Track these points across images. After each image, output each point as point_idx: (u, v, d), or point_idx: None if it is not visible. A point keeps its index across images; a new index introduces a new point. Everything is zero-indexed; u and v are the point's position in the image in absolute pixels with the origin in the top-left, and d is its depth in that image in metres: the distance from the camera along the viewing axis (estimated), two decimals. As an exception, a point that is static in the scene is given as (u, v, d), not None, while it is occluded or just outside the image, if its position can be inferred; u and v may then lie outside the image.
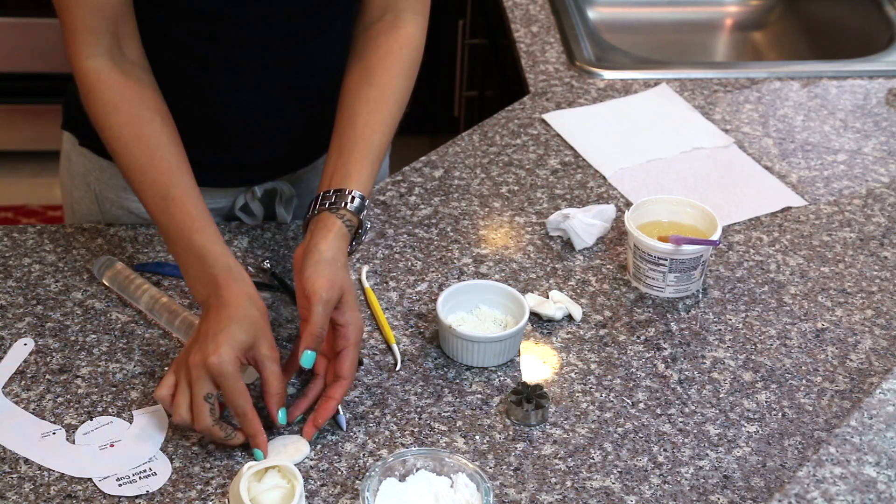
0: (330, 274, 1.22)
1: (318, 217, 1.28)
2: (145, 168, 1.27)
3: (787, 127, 1.81)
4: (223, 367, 1.15)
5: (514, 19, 2.08)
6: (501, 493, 1.17)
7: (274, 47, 1.38)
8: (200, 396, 1.16)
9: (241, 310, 1.18)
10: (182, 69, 1.38)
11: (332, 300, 1.21)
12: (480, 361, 1.32)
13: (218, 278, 1.21)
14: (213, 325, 1.18)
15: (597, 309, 1.42)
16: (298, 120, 1.47)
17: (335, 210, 1.27)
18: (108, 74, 1.28)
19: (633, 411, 1.27)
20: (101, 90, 1.28)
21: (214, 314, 1.19)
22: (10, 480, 1.16)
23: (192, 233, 1.23)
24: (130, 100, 1.28)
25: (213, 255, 1.22)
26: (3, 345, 1.33)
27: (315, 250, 1.24)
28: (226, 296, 1.19)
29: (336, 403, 1.22)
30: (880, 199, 1.64)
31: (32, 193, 3.33)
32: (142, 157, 1.27)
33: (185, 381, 1.18)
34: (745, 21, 2.38)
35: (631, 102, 1.85)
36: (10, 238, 1.49)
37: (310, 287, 1.21)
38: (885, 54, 2.02)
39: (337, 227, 1.26)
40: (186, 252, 1.24)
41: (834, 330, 1.40)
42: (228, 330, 1.16)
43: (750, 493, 1.18)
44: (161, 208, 1.26)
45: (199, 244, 1.23)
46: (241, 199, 1.54)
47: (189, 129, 1.43)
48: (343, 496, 1.16)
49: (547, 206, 1.60)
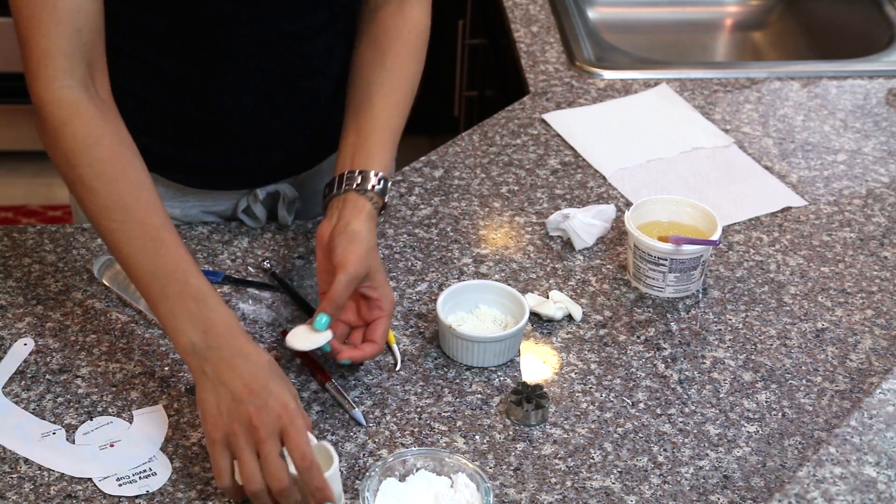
0: (362, 252, 1.25)
1: (345, 197, 1.30)
2: (130, 207, 1.18)
3: (787, 127, 1.81)
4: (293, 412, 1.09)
5: (514, 19, 2.08)
6: (501, 493, 1.17)
7: (272, 49, 1.38)
8: (275, 454, 1.09)
9: (265, 355, 1.14)
10: (181, 72, 1.38)
11: (358, 275, 1.23)
12: (480, 361, 1.32)
13: (222, 322, 1.15)
14: (249, 377, 1.11)
15: (597, 309, 1.42)
16: (300, 122, 1.47)
17: (363, 192, 1.30)
18: (85, 107, 1.20)
19: (633, 411, 1.27)
20: (81, 123, 1.19)
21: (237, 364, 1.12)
22: (10, 480, 1.16)
23: (189, 276, 1.17)
24: (111, 136, 1.20)
25: (212, 299, 1.16)
26: (3, 345, 1.33)
27: (348, 230, 1.26)
28: (241, 342, 1.15)
29: (363, 357, 1.25)
30: (880, 199, 1.64)
31: (32, 193, 3.33)
32: (127, 195, 1.19)
33: (247, 446, 1.09)
34: (745, 21, 2.38)
35: (631, 102, 1.85)
36: (10, 238, 1.49)
37: (339, 261, 1.23)
38: (885, 54, 2.02)
39: (367, 208, 1.29)
40: (180, 296, 1.16)
41: (834, 330, 1.40)
42: (274, 380, 1.12)
43: (750, 493, 1.18)
44: (150, 250, 1.17)
45: (197, 288, 1.16)
46: (243, 201, 1.54)
47: (191, 133, 1.43)
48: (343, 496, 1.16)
49: (547, 206, 1.60)
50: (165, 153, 1.45)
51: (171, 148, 1.45)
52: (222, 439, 1.10)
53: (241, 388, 1.10)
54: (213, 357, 1.13)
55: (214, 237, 1.51)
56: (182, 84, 1.38)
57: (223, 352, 1.13)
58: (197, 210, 1.54)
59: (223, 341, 1.14)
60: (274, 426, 1.09)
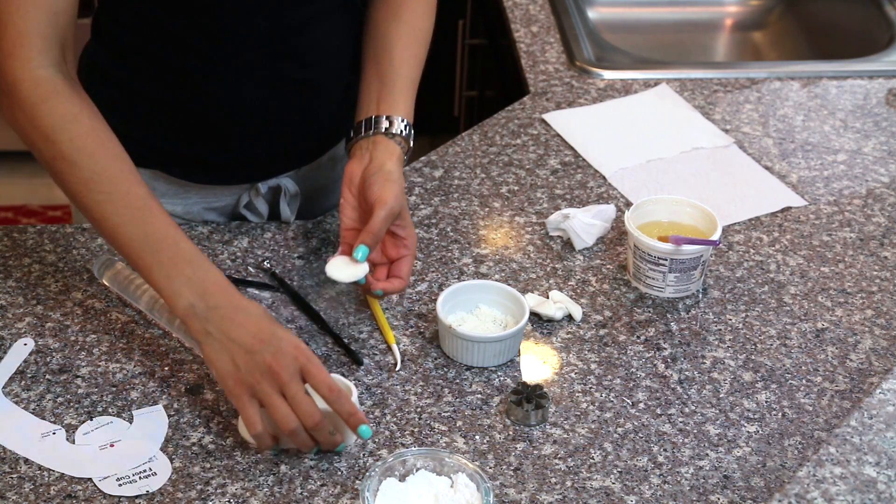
0: (397, 190, 1.31)
1: (374, 139, 1.35)
2: (115, 178, 1.22)
3: (787, 127, 1.81)
4: (306, 351, 1.15)
5: (514, 19, 2.08)
6: (501, 493, 1.17)
7: (272, 38, 1.38)
8: (302, 393, 1.14)
9: (262, 308, 1.19)
10: (180, 64, 1.38)
11: (394, 212, 1.30)
12: (480, 361, 1.32)
13: (217, 282, 1.20)
14: (255, 328, 1.16)
15: (597, 309, 1.42)
16: (300, 114, 1.47)
17: (392, 136, 1.36)
18: (62, 86, 1.23)
19: (633, 411, 1.27)
20: (59, 101, 1.23)
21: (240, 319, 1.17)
22: (10, 480, 1.16)
23: (179, 241, 1.21)
24: (89, 113, 1.24)
25: (205, 261, 1.21)
26: (3, 345, 1.33)
27: (383, 170, 1.32)
28: (238, 298, 1.19)
29: (394, 290, 1.33)
30: (880, 199, 1.64)
31: (32, 193, 3.33)
32: (111, 167, 1.22)
33: (273, 392, 1.14)
34: (745, 21, 2.38)
35: (631, 102, 1.85)
36: (10, 238, 1.49)
37: (378, 197, 1.29)
38: (885, 54, 2.03)
39: (398, 151, 1.35)
40: (173, 260, 1.20)
41: (834, 330, 1.40)
42: (278, 326, 1.17)
43: (750, 493, 1.18)
44: (138, 218, 1.21)
45: (189, 251, 1.21)
46: (244, 196, 1.54)
47: (191, 125, 1.44)
48: (343, 496, 1.16)
49: (547, 206, 1.60)
50: (166, 147, 1.46)
51: (172, 141, 1.45)
52: (247, 391, 1.15)
53: (251, 339, 1.15)
54: (214, 316, 1.17)
55: (214, 237, 1.51)
56: (182, 74, 1.39)
57: (224, 310, 1.18)
58: (199, 207, 1.54)
59: (221, 300, 1.19)
60: (293, 367, 1.14)
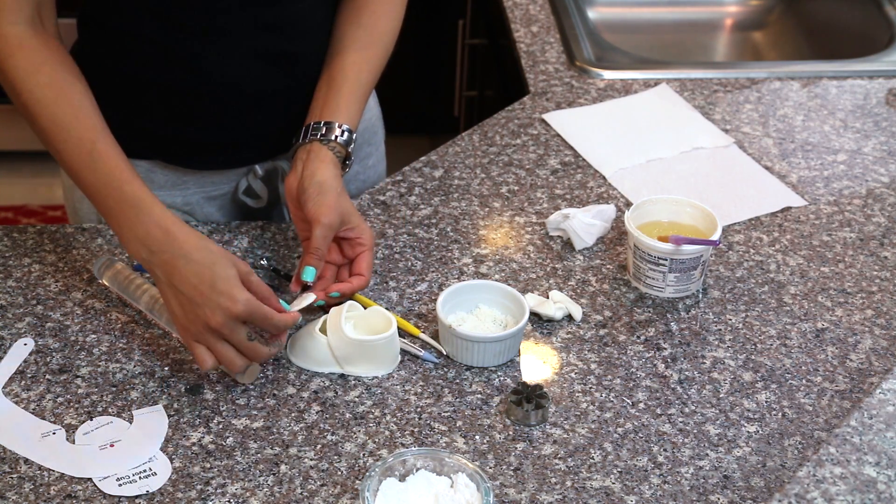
0: (332, 202, 1.32)
1: (309, 147, 1.38)
2: (68, 126, 1.26)
3: (787, 127, 1.81)
4: (249, 306, 1.19)
5: (514, 19, 2.08)
6: (501, 493, 1.17)
7: (256, 10, 1.39)
8: (246, 341, 1.21)
9: (203, 250, 1.21)
10: (169, 40, 1.38)
11: (333, 224, 1.32)
12: (480, 361, 1.32)
13: (158, 226, 1.22)
14: (195, 279, 1.20)
15: (597, 309, 1.42)
16: (290, 90, 1.47)
17: (326, 142, 1.37)
18: (29, 40, 1.27)
19: (633, 411, 1.27)
20: (23, 53, 1.27)
21: (180, 267, 1.20)
22: (10, 480, 1.16)
23: (122, 184, 1.24)
24: (53, 63, 1.28)
25: (146, 204, 1.24)
26: (3, 345, 1.33)
27: (314, 182, 1.33)
28: (179, 243, 1.22)
29: (353, 289, 1.34)
30: (880, 199, 1.64)
31: (32, 193, 3.33)
32: (65, 116, 1.27)
33: (219, 340, 1.21)
34: (745, 21, 2.38)
35: (631, 102, 1.86)
36: (10, 238, 1.49)
37: (312, 215, 1.32)
38: (885, 54, 2.03)
39: (330, 157, 1.36)
40: (119, 204, 1.24)
41: (834, 330, 1.40)
42: (218, 275, 1.19)
43: (750, 493, 1.18)
44: (86, 164, 1.26)
45: (131, 194, 1.24)
46: (243, 182, 1.55)
47: (183, 106, 1.44)
48: (343, 496, 1.16)
49: (547, 206, 1.60)
50: (161, 134, 1.46)
51: (166, 127, 1.46)
52: (193, 336, 1.22)
53: (192, 290, 1.20)
54: (157, 262, 1.22)
55: (214, 237, 1.51)
56: (169, 52, 1.39)
57: (164, 255, 1.22)
58: (198, 197, 1.54)
59: (163, 245, 1.22)
60: (233, 322, 1.19)
